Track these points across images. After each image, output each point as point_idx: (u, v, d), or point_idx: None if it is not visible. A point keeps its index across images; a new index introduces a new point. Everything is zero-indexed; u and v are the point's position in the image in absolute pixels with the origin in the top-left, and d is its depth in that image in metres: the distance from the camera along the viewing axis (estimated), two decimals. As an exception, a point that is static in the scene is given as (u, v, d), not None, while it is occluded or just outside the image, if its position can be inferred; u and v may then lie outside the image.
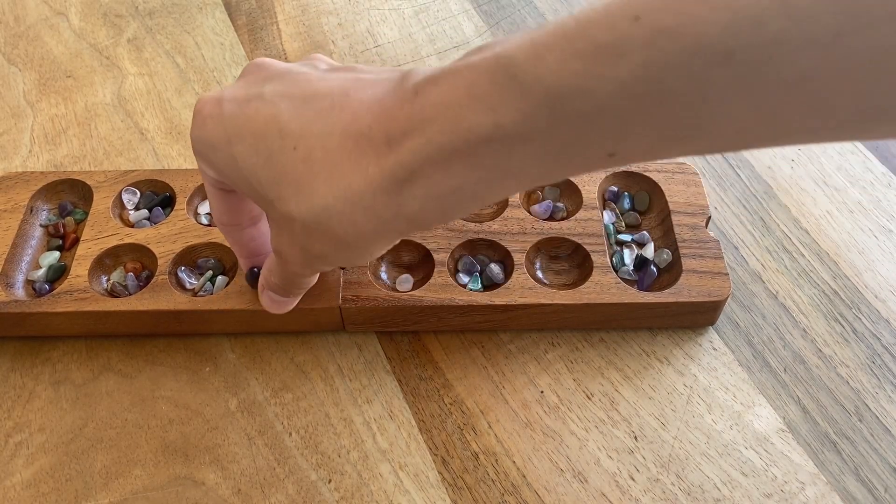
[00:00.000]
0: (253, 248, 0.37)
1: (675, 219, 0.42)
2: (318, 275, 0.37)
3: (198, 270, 0.42)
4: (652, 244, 0.42)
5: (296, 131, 0.28)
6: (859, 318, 0.41)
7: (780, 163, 0.49)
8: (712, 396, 0.39)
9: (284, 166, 0.28)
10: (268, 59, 0.33)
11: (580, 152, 0.24)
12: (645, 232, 0.43)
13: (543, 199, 0.44)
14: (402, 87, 0.27)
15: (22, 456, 0.37)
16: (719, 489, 0.36)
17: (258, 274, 0.38)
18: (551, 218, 0.43)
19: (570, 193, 0.44)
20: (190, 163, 0.49)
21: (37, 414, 0.38)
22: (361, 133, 0.27)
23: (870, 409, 0.38)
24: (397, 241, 0.31)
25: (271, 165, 0.29)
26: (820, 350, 0.40)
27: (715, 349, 0.40)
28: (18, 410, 0.39)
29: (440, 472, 0.36)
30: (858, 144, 0.49)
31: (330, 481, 0.36)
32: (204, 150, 0.32)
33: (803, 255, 0.44)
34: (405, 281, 0.41)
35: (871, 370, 0.39)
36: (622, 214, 0.44)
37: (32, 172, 0.45)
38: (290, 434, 0.38)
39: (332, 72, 0.30)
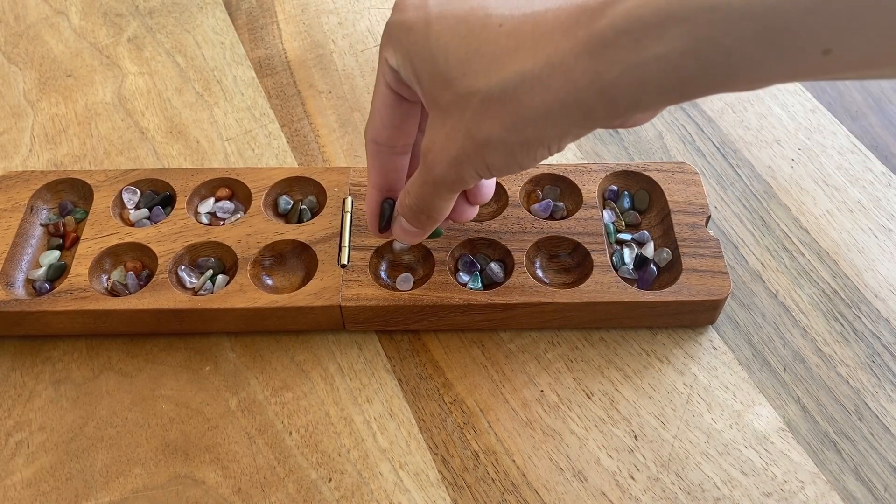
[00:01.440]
0: (393, 178, 0.36)
1: (674, 218, 0.42)
2: (451, 205, 0.35)
3: (198, 269, 0.42)
4: (652, 243, 0.42)
5: (504, 12, 0.29)
6: (859, 318, 0.41)
7: (779, 162, 0.49)
8: (712, 395, 0.39)
9: (483, 41, 0.29)
10: None
11: (794, 43, 0.23)
12: (645, 231, 0.43)
13: (543, 199, 0.44)
14: None
15: (22, 455, 0.37)
16: (719, 488, 0.36)
17: (389, 207, 0.37)
18: (551, 217, 0.43)
19: (570, 192, 0.44)
20: (190, 162, 0.49)
21: (37, 413, 0.38)
22: (577, 4, 0.27)
23: (869, 408, 0.38)
24: (571, 137, 0.30)
25: (467, 42, 0.29)
26: (820, 349, 0.40)
27: (715, 348, 0.40)
28: (19, 409, 0.39)
29: (440, 471, 0.36)
30: (858, 144, 0.49)
31: (330, 480, 0.36)
32: (397, 33, 0.31)
33: (803, 255, 0.44)
34: (405, 280, 0.41)
35: (871, 369, 0.40)
36: (622, 213, 0.44)
37: (33, 171, 0.45)
38: (291, 433, 0.38)
39: None
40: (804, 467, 0.36)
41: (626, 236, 0.43)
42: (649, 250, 0.42)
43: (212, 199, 0.44)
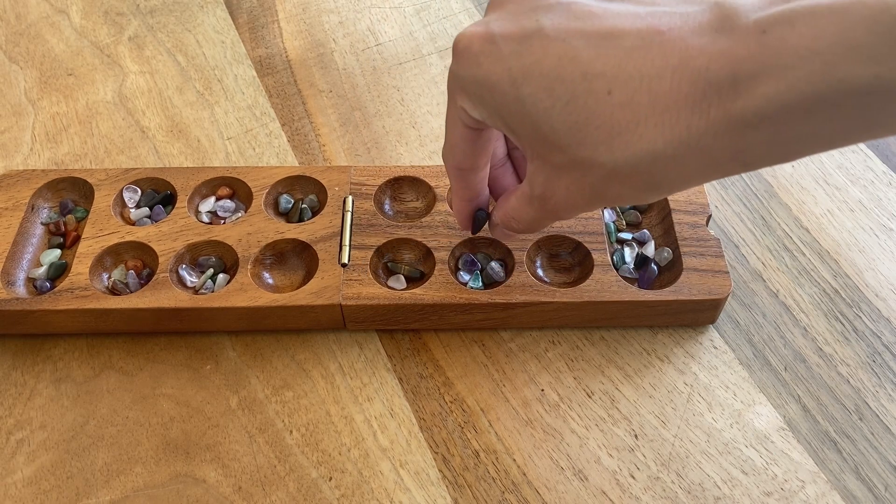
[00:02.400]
0: (478, 190, 0.37)
1: (675, 217, 0.42)
2: None
3: (199, 268, 0.42)
4: (652, 242, 0.42)
5: (606, 73, 0.27)
6: (860, 317, 0.41)
7: (780, 161, 0.49)
8: (713, 395, 0.39)
9: (593, 111, 0.27)
10: None
11: None
12: (645, 230, 0.43)
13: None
14: (736, 25, 0.25)
15: (23, 453, 0.37)
16: (719, 487, 0.36)
17: (483, 217, 0.38)
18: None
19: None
20: (191, 161, 0.49)
21: (38, 411, 0.38)
22: (699, 75, 0.25)
23: (870, 407, 0.38)
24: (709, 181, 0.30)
25: (573, 110, 0.27)
26: (820, 349, 0.40)
27: (715, 347, 0.40)
28: (20, 408, 0.39)
29: (441, 470, 0.36)
30: (859, 143, 0.49)
31: (330, 479, 0.36)
32: (476, 91, 0.30)
33: (804, 254, 0.44)
34: (396, 280, 0.41)
35: (872, 369, 0.39)
36: (623, 213, 0.44)
37: (33, 170, 0.45)
38: (291, 432, 0.38)
39: (602, 1, 0.28)
40: (804, 466, 0.36)
41: (626, 235, 0.43)
42: (650, 249, 0.42)
43: (212, 198, 0.44)
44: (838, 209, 0.46)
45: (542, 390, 0.39)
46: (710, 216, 0.43)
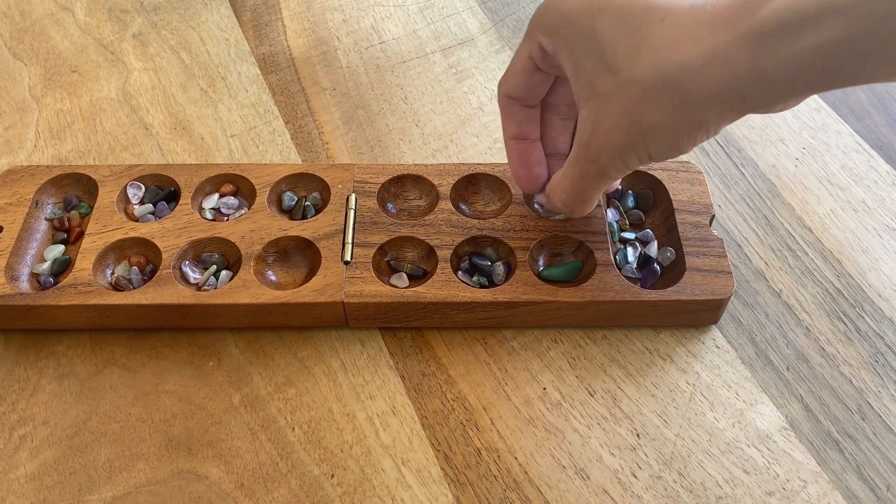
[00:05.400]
0: (526, 127, 0.39)
1: (678, 217, 0.42)
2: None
3: (202, 265, 0.42)
4: (655, 242, 0.42)
5: (665, 6, 0.31)
6: (862, 317, 0.41)
7: (784, 161, 0.49)
8: (715, 394, 0.39)
9: (647, 35, 0.31)
10: None
11: None
12: (648, 230, 0.43)
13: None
14: None
15: (26, 449, 0.37)
16: (721, 487, 0.36)
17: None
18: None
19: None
20: (194, 158, 0.49)
21: (41, 407, 0.39)
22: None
23: (872, 407, 0.38)
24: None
25: (634, 34, 0.31)
26: (823, 348, 0.40)
27: (718, 347, 0.40)
28: (23, 404, 0.39)
29: (442, 468, 0.37)
30: (863, 143, 0.49)
31: (332, 476, 0.36)
32: (554, 22, 0.34)
33: (807, 254, 0.44)
34: (399, 278, 0.41)
35: (874, 369, 0.39)
36: (626, 212, 0.44)
37: (38, 166, 0.45)
38: (293, 429, 0.38)
39: None
40: (806, 466, 0.36)
41: (629, 235, 0.43)
42: (653, 249, 0.42)
43: (216, 195, 0.45)
44: (841, 209, 0.46)
45: (544, 389, 0.39)
46: (714, 216, 0.43)
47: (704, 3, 0.30)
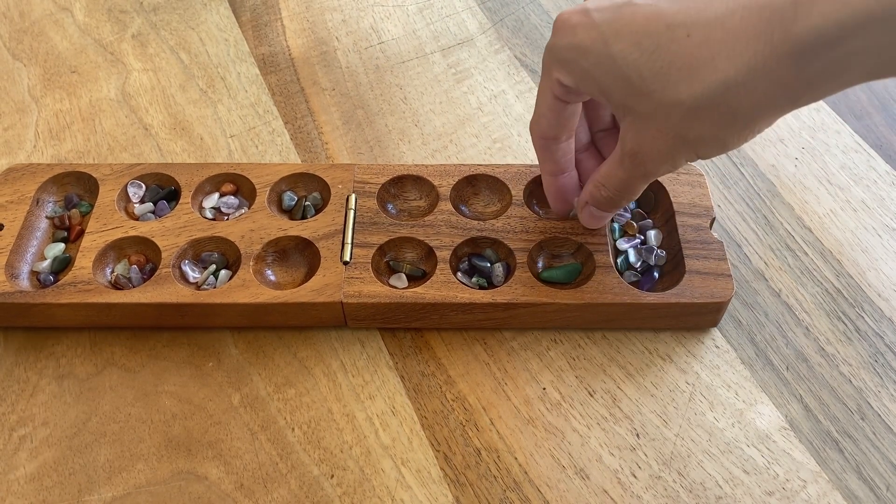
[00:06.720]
0: (562, 165, 0.39)
1: (679, 219, 0.42)
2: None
3: (201, 264, 0.42)
4: (655, 244, 0.42)
5: (686, 22, 0.30)
6: (862, 317, 0.41)
7: (783, 161, 0.49)
8: (714, 394, 0.39)
9: (675, 54, 0.30)
10: None
11: None
12: (651, 226, 0.43)
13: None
14: None
15: (26, 449, 0.37)
16: (721, 487, 0.36)
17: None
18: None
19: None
20: (194, 158, 0.49)
21: (41, 408, 0.39)
22: (765, 4, 0.28)
23: (872, 407, 0.38)
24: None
25: (658, 57, 0.30)
26: (822, 348, 0.40)
27: (717, 347, 0.40)
28: (22, 404, 0.39)
29: (442, 468, 0.37)
30: (862, 143, 0.49)
31: (332, 476, 0.36)
32: (570, 56, 0.33)
33: (806, 254, 0.44)
34: (398, 279, 0.41)
35: (874, 369, 0.39)
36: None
37: (39, 164, 0.45)
38: (293, 429, 0.38)
39: None
40: (806, 466, 0.36)
41: (629, 238, 0.43)
42: (653, 252, 0.42)
43: (216, 194, 0.45)
44: (841, 209, 0.46)
45: (544, 389, 0.39)
46: (714, 219, 0.43)
47: (730, 14, 0.29)
